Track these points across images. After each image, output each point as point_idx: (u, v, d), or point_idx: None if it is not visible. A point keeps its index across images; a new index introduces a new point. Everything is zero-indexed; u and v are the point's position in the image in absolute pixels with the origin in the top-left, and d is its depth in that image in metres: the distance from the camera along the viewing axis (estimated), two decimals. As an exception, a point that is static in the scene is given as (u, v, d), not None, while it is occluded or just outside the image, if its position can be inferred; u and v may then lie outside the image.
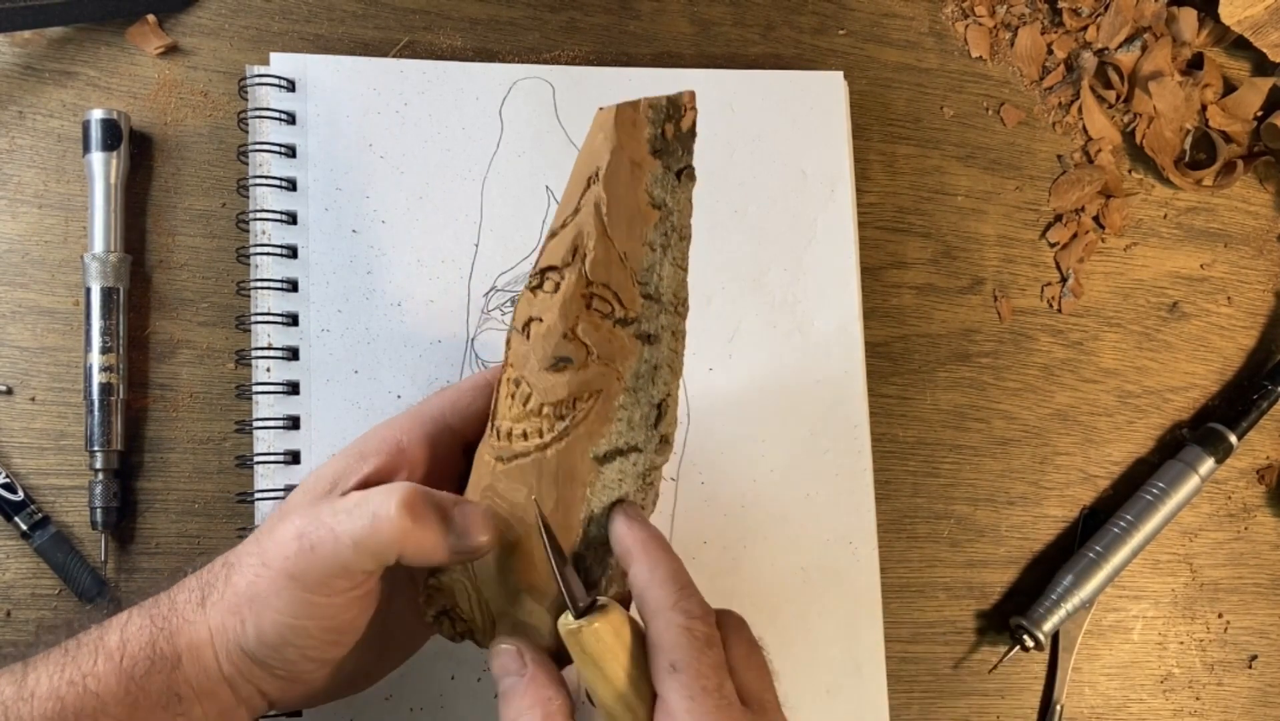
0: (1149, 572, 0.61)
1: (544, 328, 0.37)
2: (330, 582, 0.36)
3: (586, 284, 0.37)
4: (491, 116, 0.54)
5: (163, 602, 0.38)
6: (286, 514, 0.38)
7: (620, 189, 0.36)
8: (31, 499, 0.48)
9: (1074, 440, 0.61)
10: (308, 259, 0.51)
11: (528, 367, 0.37)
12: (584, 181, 0.36)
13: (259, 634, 0.36)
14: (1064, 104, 0.64)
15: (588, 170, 0.36)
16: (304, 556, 0.35)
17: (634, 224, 0.37)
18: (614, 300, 0.37)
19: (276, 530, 0.37)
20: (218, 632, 0.37)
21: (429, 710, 0.49)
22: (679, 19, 0.59)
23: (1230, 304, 0.65)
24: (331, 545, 0.35)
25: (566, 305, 0.37)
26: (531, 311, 0.38)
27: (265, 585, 0.36)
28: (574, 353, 0.37)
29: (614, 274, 0.37)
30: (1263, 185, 0.66)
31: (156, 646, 0.36)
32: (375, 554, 0.36)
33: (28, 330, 0.50)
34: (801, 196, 0.57)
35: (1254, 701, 0.62)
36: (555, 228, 0.37)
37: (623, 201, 0.36)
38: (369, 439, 0.40)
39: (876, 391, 0.58)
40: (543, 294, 0.37)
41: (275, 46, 0.54)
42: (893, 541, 0.57)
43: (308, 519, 0.36)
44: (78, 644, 0.37)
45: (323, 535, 0.36)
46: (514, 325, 0.38)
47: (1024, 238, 0.62)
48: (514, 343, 0.38)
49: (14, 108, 0.51)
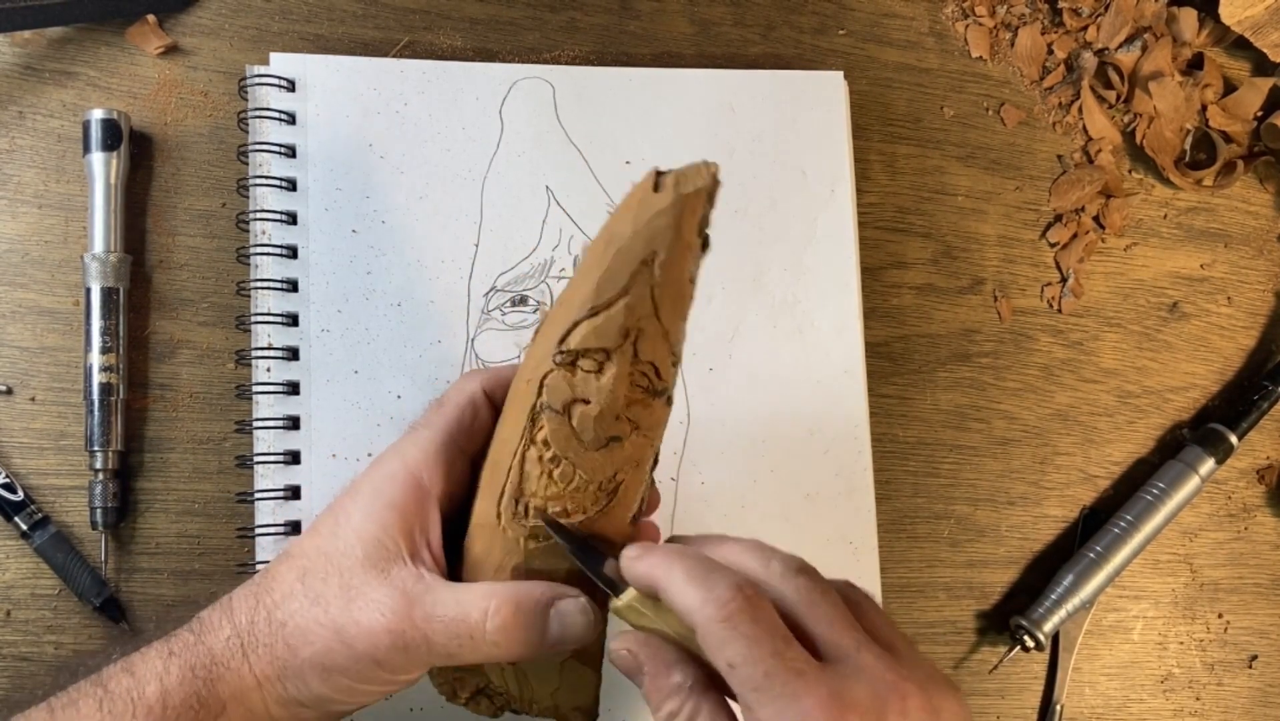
0: (1149, 572, 0.61)
1: (595, 409, 0.36)
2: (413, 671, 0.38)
3: (635, 363, 0.36)
4: (491, 116, 0.54)
5: (200, 651, 0.38)
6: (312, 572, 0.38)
7: (673, 271, 0.35)
8: (31, 499, 0.48)
9: (1074, 440, 0.61)
10: (308, 259, 0.51)
11: (571, 449, 0.37)
12: (635, 261, 0.34)
13: (322, 696, 0.38)
14: (1064, 104, 0.64)
15: (641, 251, 0.34)
16: (396, 652, 0.37)
17: (678, 303, 0.36)
18: (653, 375, 0.37)
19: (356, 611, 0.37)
20: (266, 682, 0.37)
21: (429, 710, 0.49)
22: (679, 19, 0.59)
23: (1230, 304, 0.65)
24: (424, 650, 0.37)
25: (618, 387, 0.36)
26: (575, 393, 0.36)
27: (344, 661, 0.37)
28: (624, 430, 0.37)
29: (658, 350, 0.36)
30: (1263, 185, 0.66)
31: (200, 697, 0.37)
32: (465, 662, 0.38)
33: (28, 330, 0.50)
34: (801, 196, 0.57)
35: (1254, 701, 0.62)
36: (598, 305, 0.35)
37: (674, 284, 0.35)
38: (389, 482, 0.39)
39: (876, 391, 0.58)
40: (583, 374, 0.36)
41: (275, 46, 0.54)
42: (893, 541, 0.57)
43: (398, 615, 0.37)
44: (109, 694, 0.37)
45: (417, 640, 0.37)
46: (548, 404, 0.37)
47: (1024, 238, 0.62)
48: (550, 422, 0.37)
49: (14, 108, 0.51)
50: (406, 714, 0.49)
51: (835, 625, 0.34)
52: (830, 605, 0.34)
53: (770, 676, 0.31)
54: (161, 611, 0.49)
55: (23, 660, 0.48)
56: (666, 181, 0.34)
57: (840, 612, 0.34)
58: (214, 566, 0.50)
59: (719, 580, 0.33)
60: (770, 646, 0.32)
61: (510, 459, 0.38)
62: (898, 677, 0.32)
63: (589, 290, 0.35)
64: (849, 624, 0.34)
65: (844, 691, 0.32)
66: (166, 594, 0.49)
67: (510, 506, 0.38)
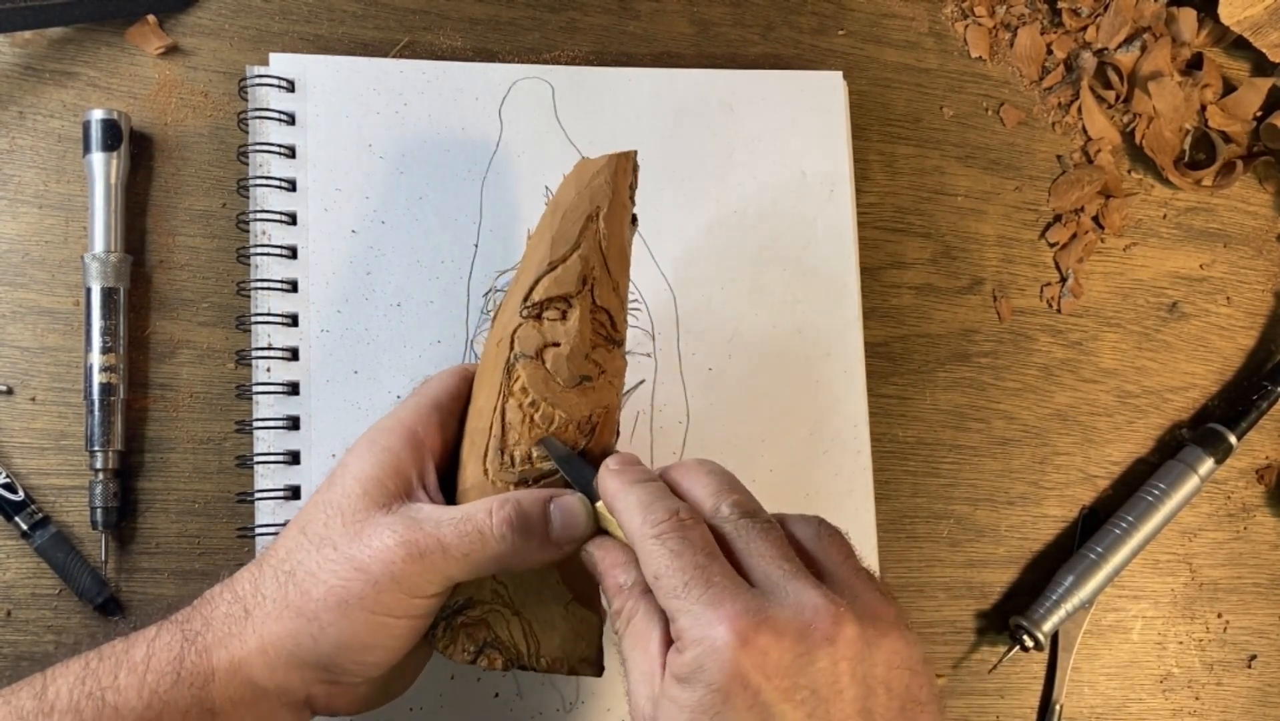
0: (1149, 572, 0.61)
1: (565, 350, 0.40)
2: (429, 587, 0.38)
3: (594, 309, 0.41)
4: (491, 116, 0.54)
5: (194, 619, 0.38)
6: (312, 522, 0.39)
7: (615, 226, 0.41)
8: (31, 499, 0.48)
9: (1074, 440, 0.61)
10: (307, 259, 0.51)
11: (550, 390, 0.40)
12: (582, 218, 0.41)
13: (342, 636, 0.37)
14: (1064, 104, 0.64)
15: (587, 208, 0.41)
16: (412, 562, 0.37)
17: (622, 258, 0.42)
18: (609, 324, 0.42)
19: (366, 538, 0.37)
20: (274, 642, 0.37)
21: (429, 710, 0.49)
22: (679, 19, 0.59)
23: (1230, 304, 0.65)
24: (440, 556, 0.37)
25: (583, 326, 0.41)
26: (545, 339, 0.41)
27: (361, 588, 0.37)
28: (592, 371, 0.41)
29: (611, 300, 0.42)
30: (1262, 185, 0.66)
31: (185, 661, 0.37)
32: (480, 567, 0.38)
33: (28, 330, 0.50)
34: (801, 196, 0.57)
35: (1254, 701, 0.62)
36: (555, 259, 0.41)
37: (617, 238, 0.42)
38: (385, 434, 0.41)
39: (876, 391, 0.58)
40: (549, 322, 0.41)
41: (275, 46, 0.54)
42: (892, 541, 0.58)
43: (408, 527, 0.37)
44: (99, 655, 0.37)
45: (430, 545, 0.37)
46: (521, 353, 0.41)
47: (1024, 238, 0.62)
48: (525, 369, 0.41)
49: (14, 108, 0.51)
50: (407, 714, 0.49)
51: (768, 558, 0.34)
52: (769, 541, 0.35)
53: (689, 585, 0.33)
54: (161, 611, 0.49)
55: (23, 660, 0.48)
56: (598, 154, 0.41)
57: (778, 549, 0.35)
58: (214, 566, 0.50)
59: (661, 506, 0.36)
60: (693, 559, 0.33)
61: (490, 417, 0.41)
62: (831, 604, 0.33)
63: (544, 251, 0.41)
64: (785, 557, 0.34)
65: (764, 608, 0.32)
66: (166, 594, 0.49)
67: (496, 459, 0.40)
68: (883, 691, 0.33)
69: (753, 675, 0.31)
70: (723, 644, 0.31)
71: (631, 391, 0.54)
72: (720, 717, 0.31)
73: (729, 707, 0.31)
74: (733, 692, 0.31)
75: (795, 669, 0.31)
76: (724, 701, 0.31)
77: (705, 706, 0.31)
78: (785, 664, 0.31)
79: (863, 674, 0.32)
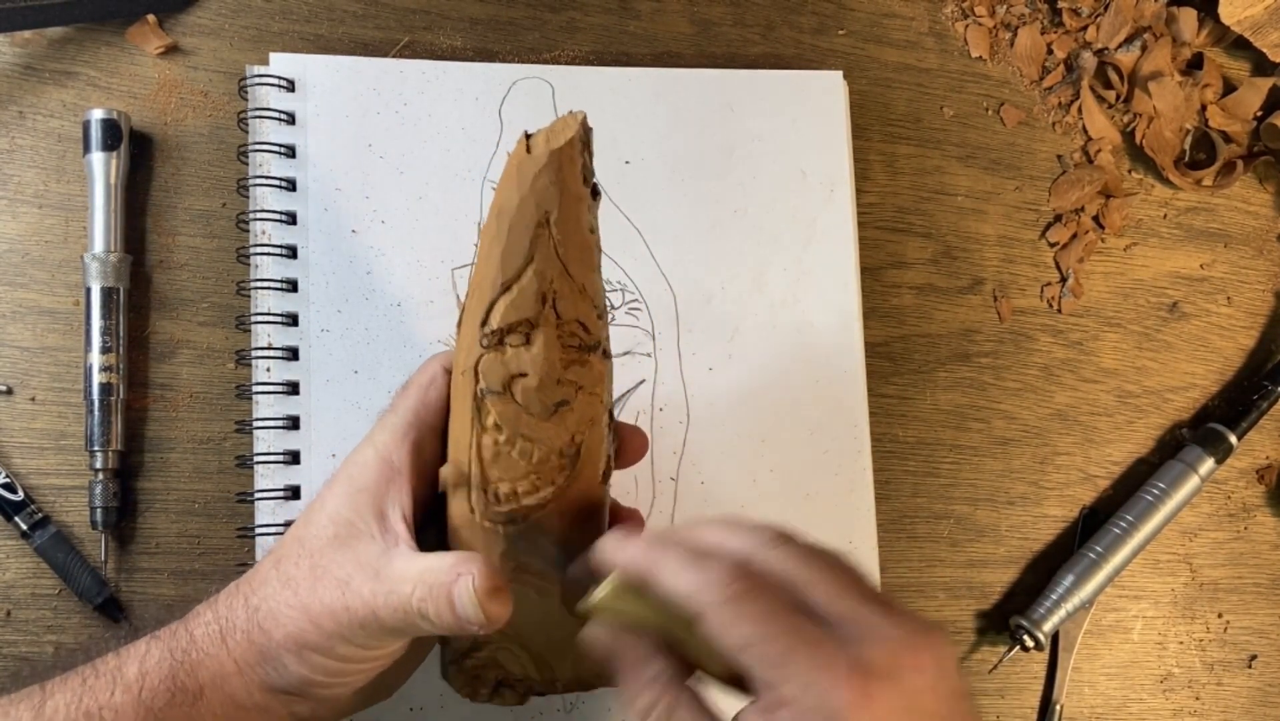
0: (1149, 572, 0.61)
1: (534, 380, 0.37)
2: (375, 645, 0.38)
3: (559, 324, 0.37)
4: (491, 116, 0.54)
5: (180, 635, 0.38)
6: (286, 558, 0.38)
7: (571, 224, 0.36)
8: (31, 499, 0.48)
9: (1074, 440, 0.61)
10: (307, 259, 0.51)
11: (523, 424, 0.37)
12: (531, 226, 0.36)
13: (303, 677, 0.37)
14: (1064, 104, 0.64)
15: (534, 215, 0.35)
16: (353, 625, 0.36)
17: (584, 255, 0.37)
18: (582, 331, 0.38)
19: (320, 590, 0.37)
20: (246, 668, 0.37)
21: (429, 710, 0.49)
22: (679, 19, 0.59)
23: (1230, 304, 0.65)
24: (377, 626, 0.36)
25: (550, 352, 0.37)
26: (510, 369, 0.37)
27: (315, 638, 0.37)
28: (568, 393, 0.37)
29: (579, 306, 0.37)
30: (1262, 185, 0.66)
31: (177, 679, 0.37)
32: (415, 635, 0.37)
33: (28, 330, 0.50)
34: (801, 196, 0.57)
35: (1254, 701, 0.62)
36: (507, 279, 0.36)
37: (575, 235, 0.36)
38: (362, 470, 0.40)
39: (876, 391, 0.58)
40: (512, 349, 0.37)
41: (275, 46, 0.54)
42: (893, 541, 0.58)
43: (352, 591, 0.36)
44: (95, 672, 0.37)
45: (366, 615, 0.36)
46: (488, 388, 0.37)
47: (1024, 238, 0.62)
48: (495, 406, 0.37)
49: (14, 108, 0.51)
50: (407, 714, 0.49)
51: (832, 589, 0.33)
52: (822, 569, 0.34)
53: (791, 651, 0.31)
54: (161, 611, 0.49)
55: (23, 660, 0.48)
56: (538, 141, 0.35)
57: (834, 575, 0.34)
58: (214, 566, 0.50)
59: (714, 563, 0.33)
60: (784, 622, 0.32)
61: (468, 452, 0.38)
62: (905, 633, 0.32)
63: (495, 268, 0.36)
64: (844, 586, 0.34)
65: (862, 657, 0.31)
66: (166, 594, 0.49)
67: (480, 499, 0.38)
68: (957, 698, 0.33)
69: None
70: (846, 704, 0.30)
71: (631, 391, 0.54)
72: None
73: None
74: None
75: (905, 707, 0.31)
76: None
77: None
78: (900, 706, 0.31)
79: (945, 690, 0.32)
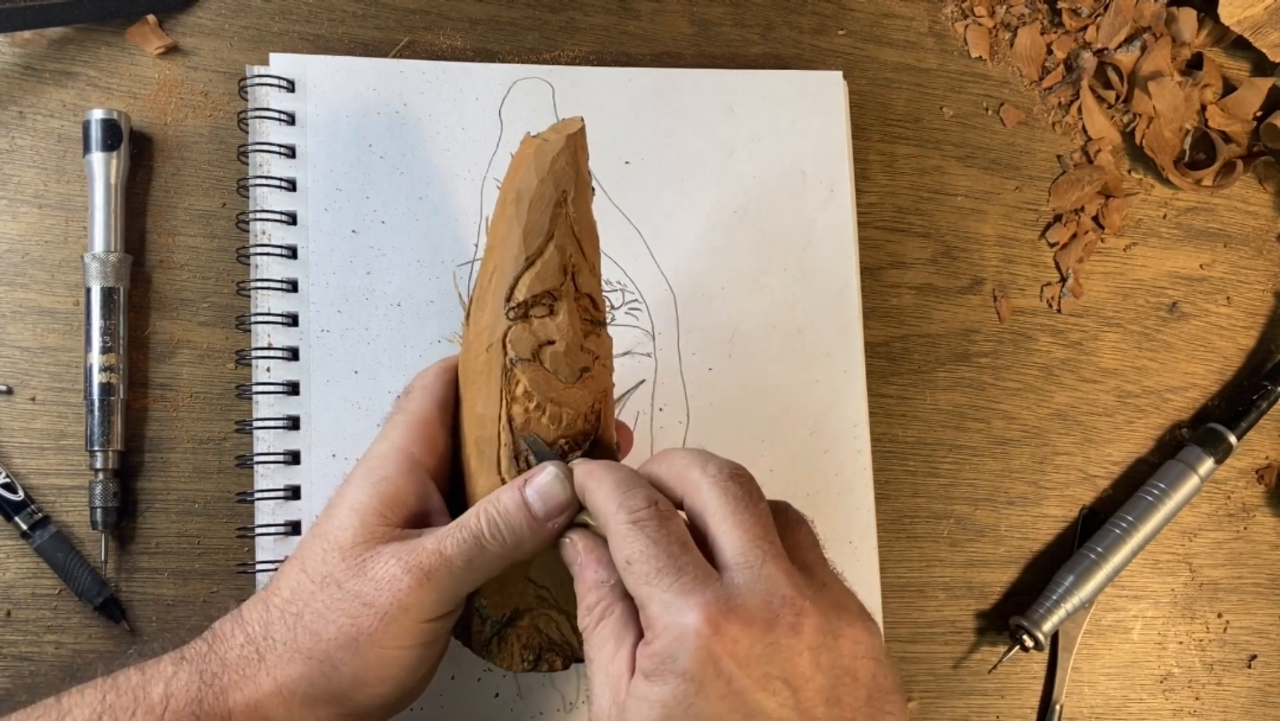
0: (1149, 572, 0.61)
1: (562, 345, 0.40)
2: (439, 608, 0.38)
3: (578, 297, 0.41)
4: (491, 116, 0.54)
5: (211, 660, 0.38)
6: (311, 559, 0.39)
7: (583, 206, 0.40)
8: (31, 499, 0.48)
9: (1074, 440, 0.61)
10: (308, 259, 0.51)
11: (553, 389, 0.40)
12: (551, 205, 0.39)
13: (355, 674, 0.37)
14: (1064, 104, 0.64)
15: (554, 194, 0.39)
16: (420, 586, 0.37)
17: (593, 238, 0.41)
18: (592, 307, 0.41)
19: (369, 571, 0.37)
20: (288, 684, 0.37)
21: (429, 710, 0.49)
22: (679, 19, 0.59)
23: (1230, 304, 0.65)
24: (445, 572, 0.37)
25: (573, 321, 0.40)
26: (539, 337, 0.40)
27: (370, 624, 0.37)
28: (588, 360, 0.41)
29: (591, 284, 0.41)
30: (1262, 185, 0.66)
31: (204, 704, 0.37)
32: (483, 570, 0.38)
33: (28, 330, 0.50)
34: (801, 196, 0.57)
35: (1254, 701, 0.62)
36: (531, 254, 0.39)
37: (585, 218, 0.41)
38: (381, 461, 0.40)
39: (876, 391, 0.58)
40: (538, 320, 0.40)
41: (275, 46, 0.54)
42: (892, 541, 0.58)
43: (410, 552, 0.37)
44: (116, 688, 0.37)
45: (435, 563, 0.37)
46: (518, 357, 0.40)
47: (1024, 238, 0.62)
48: (525, 373, 0.40)
49: (14, 108, 0.51)
50: (406, 713, 0.49)
51: (750, 533, 0.34)
52: (753, 515, 0.35)
53: (660, 573, 0.33)
54: (162, 611, 0.49)
55: (23, 660, 0.48)
56: (548, 133, 0.40)
57: (762, 524, 0.35)
58: (214, 566, 0.50)
59: (637, 492, 0.35)
60: (667, 547, 0.33)
61: (496, 425, 0.40)
62: (798, 594, 0.33)
63: (517, 245, 0.39)
64: (766, 536, 0.34)
65: (732, 597, 0.32)
66: (166, 594, 0.49)
67: (512, 467, 0.40)
68: (849, 680, 0.33)
69: (725, 662, 0.31)
70: (694, 630, 0.31)
71: (631, 391, 0.54)
72: (693, 710, 0.31)
73: (702, 697, 0.31)
74: (706, 681, 0.31)
75: (765, 657, 0.31)
76: (697, 691, 0.31)
77: (678, 698, 0.31)
78: (756, 653, 0.31)
79: (829, 663, 0.32)
